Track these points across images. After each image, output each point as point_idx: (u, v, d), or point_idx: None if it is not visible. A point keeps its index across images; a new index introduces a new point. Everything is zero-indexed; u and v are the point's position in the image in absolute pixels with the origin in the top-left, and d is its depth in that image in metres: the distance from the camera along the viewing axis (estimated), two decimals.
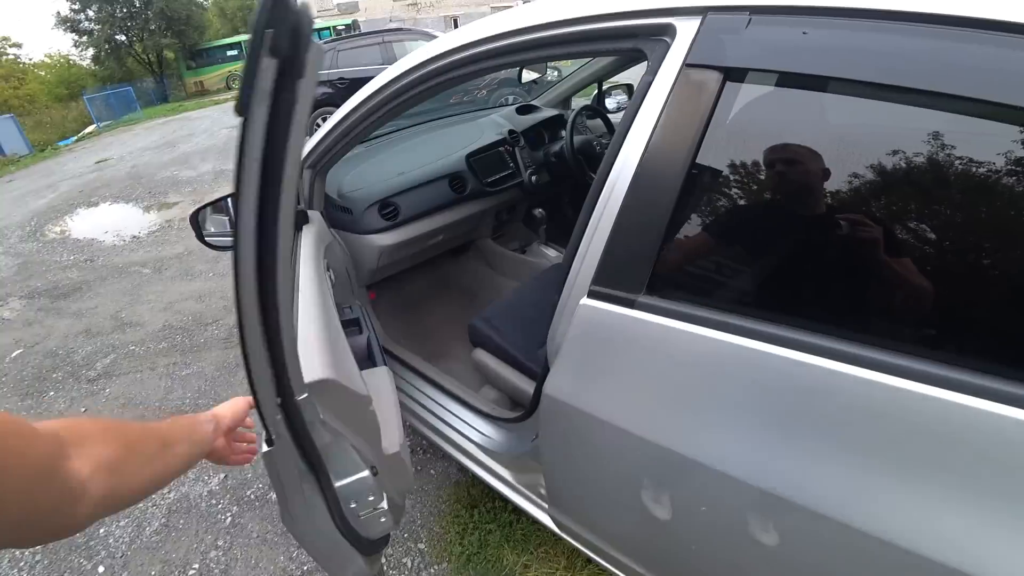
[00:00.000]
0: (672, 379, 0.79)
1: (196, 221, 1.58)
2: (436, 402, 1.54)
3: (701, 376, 0.75)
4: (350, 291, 1.79)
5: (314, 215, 1.54)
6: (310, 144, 1.50)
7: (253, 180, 0.49)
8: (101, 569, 1.75)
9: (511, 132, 2.23)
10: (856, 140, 0.71)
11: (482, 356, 1.59)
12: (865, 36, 0.64)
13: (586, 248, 0.85)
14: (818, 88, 0.69)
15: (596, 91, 2.60)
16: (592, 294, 0.84)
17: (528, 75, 2.30)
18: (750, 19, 0.70)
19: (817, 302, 0.72)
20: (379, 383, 1.12)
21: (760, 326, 0.69)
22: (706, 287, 0.82)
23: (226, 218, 1.69)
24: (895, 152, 0.63)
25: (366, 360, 1.27)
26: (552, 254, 2.43)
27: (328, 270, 1.39)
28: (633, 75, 2.88)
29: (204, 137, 9.94)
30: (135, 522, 1.89)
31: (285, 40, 0.43)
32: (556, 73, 4.94)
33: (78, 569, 1.77)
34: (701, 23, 0.74)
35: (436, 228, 1.95)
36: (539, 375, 1.03)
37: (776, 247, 0.79)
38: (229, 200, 1.62)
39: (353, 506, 0.87)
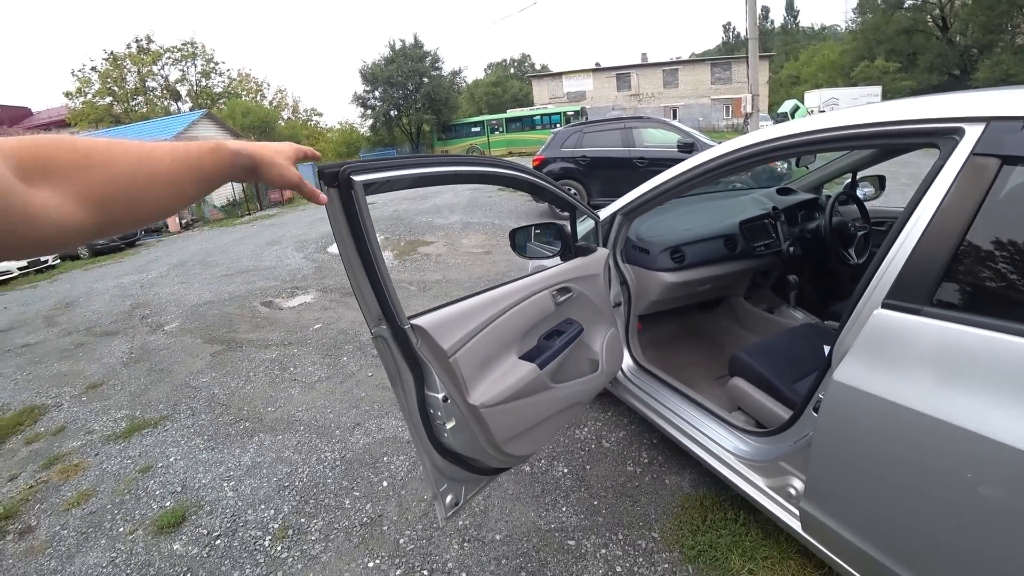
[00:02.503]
0: (951, 365, 1.01)
1: (513, 236, 2.11)
2: (693, 416, 1.85)
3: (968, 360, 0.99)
4: (596, 312, 1.96)
5: (601, 252, 1.96)
6: (629, 197, 1.99)
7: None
8: (385, 484, 2.30)
9: (774, 208, 2.52)
10: None
11: (740, 383, 1.85)
12: None
13: (888, 263, 1.14)
14: None
15: (848, 180, 2.76)
16: (885, 305, 1.13)
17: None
18: None
19: None
20: (515, 370, 1.41)
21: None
22: (960, 302, 1.07)
23: (533, 243, 2.22)
24: None
25: (530, 354, 1.50)
26: (800, 316, 2.60)
27: (570, 291, 1.68)
28: (883, 168, 2.94)
29: (450, 195, 11.91)
30: (411, 460, 2.43)
31: None
32: (784, 166, 5.08)
33: (367, 479, 2.35)
34: (986, 127, 1.05)
35: (708, 277, 2.32)
36: (800, 399, 1.36)
37: None
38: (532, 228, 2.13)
39: (431, 411, 1.28)
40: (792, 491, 1.43)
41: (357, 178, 1.03)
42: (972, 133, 1.07)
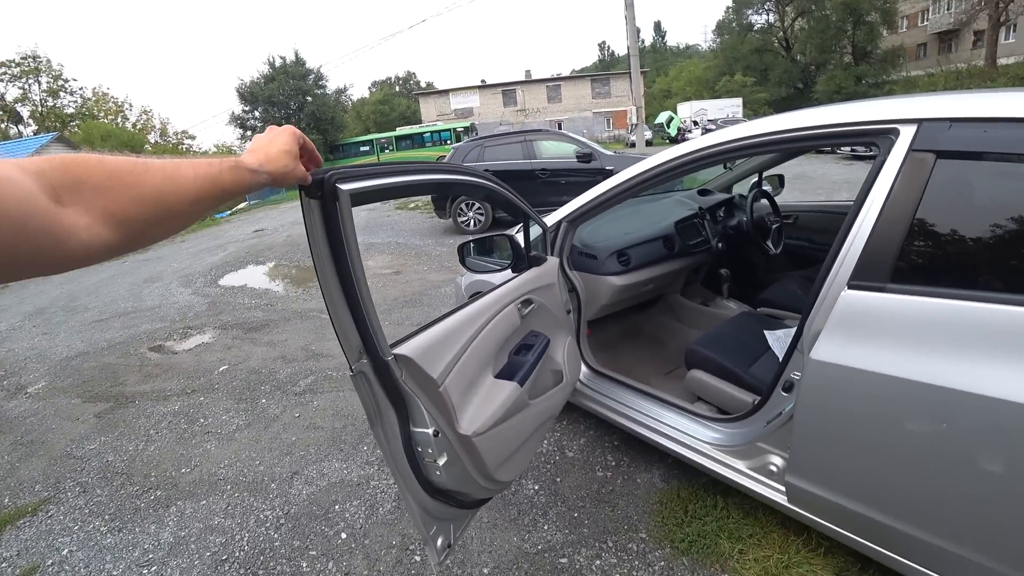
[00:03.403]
0: (915, 330, 1.13)
1: (461, 251, 2.07)
2: (659, 412, 1.90)
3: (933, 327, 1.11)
4: (556, 322, 2.02)
5: (552, 260, 1.96)
6: (573, 206, 2.00)
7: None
8: (344, 535, 2.08)
9: (700, 208, 2.68)
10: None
11: (700, 375, 1.92)
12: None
13: (847, 249, 1.25)
14: (992, 160, 1.14)
15: (755, 179, 3.02)
16: (851, 286, 1.23)
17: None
18: (951, 125, 1.16)
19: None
20: (496, 392, 1.36)
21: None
22: (917, 277, 1.19)
23: (474, 256, 2.18)
24: None
25: (505, 372, 1.47)
26: (733, 307, 2.78)
27: (532, 303, 1.68)
28: (783, 168, 3.25)
29: None
30: (367, 503, 2.23)
31: None
32: None
33: (322, 534, 2.11)
34: (919, 127, 1.20)
35: (651, 277, 2.40)
36: (770, 381, 1.47)
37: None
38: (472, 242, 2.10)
39: (419, 449, 1.19)
40: (773, 468, 1.51)
41: (344, 187, 0.91)
42: (907, 133, 1.21)
